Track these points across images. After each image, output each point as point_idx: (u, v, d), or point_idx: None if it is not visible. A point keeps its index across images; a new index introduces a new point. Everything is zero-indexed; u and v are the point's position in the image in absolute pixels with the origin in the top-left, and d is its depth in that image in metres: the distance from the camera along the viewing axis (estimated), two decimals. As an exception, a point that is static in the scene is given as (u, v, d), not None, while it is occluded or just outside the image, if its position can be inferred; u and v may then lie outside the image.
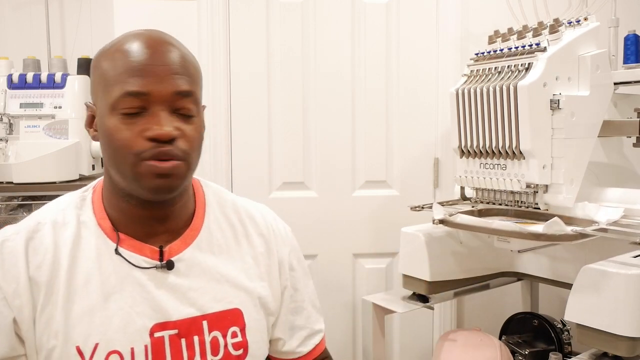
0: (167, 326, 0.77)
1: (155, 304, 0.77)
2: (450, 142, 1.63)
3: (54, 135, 1.90)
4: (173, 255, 0.80)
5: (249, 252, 0.88)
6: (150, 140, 0.72)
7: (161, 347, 0.77)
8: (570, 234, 1.15)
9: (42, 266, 0.75)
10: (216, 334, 0.81)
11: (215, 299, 0.81)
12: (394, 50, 1.97)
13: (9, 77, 1.92)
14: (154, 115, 0.73)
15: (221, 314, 0.81)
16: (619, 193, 1.31)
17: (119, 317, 0.75)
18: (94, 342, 0.74)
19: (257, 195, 1.95)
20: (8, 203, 1.85)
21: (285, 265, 0.91)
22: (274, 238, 0.91)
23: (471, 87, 1.35)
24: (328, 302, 2.00)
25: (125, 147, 0.72)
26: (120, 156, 0.73)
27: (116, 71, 0.73)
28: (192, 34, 1.88)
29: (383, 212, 1.99)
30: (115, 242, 0.78)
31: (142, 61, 0.73)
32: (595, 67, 1.30)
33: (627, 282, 1.04)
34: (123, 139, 0.72)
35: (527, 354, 1.48)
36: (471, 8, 1.94)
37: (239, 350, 0.82)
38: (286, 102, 1.95)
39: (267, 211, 0.95)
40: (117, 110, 0.73)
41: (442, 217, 1.35)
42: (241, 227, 0.89)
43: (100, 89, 0.75)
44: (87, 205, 0.81)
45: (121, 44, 0.75)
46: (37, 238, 0.77)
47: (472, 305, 2.01)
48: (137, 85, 0.72)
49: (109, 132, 0.73)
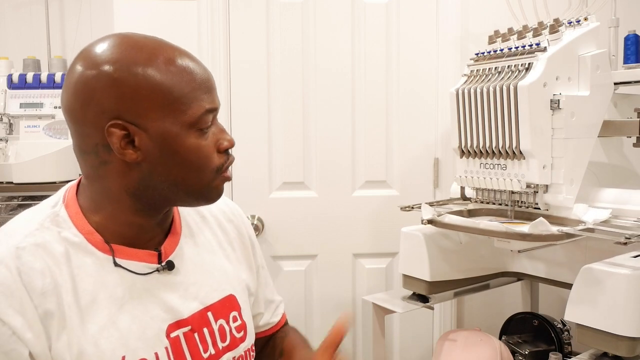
0: (181, 324, 0.78)
1: (166, 306, 0.78)
2: (450, 142, 1.63)
3: (54, 135, 1.91)
4: (168, 256, 0.80)
5: (225, 239, 0.91)
6: (223, 153, 0.76)
7: (179, 346, 0.78)
8: (556, 234, 1.15)
9: (46, 293, 0.70)
10: (222, 322, 0.83)
11: (212, 289, 0.84)
12: (394, 50, 1.97)
13: (9, 77, 1.93)
14: (215, 126, 0.77)
15: (221, 302, 0.84)
16: (613, 193, 1.31)
17: (136, 325, 0.75)
18: (121, 356, 0.72)
19: (257, 195, 1.96)
20: (8, 203, 1.85)
21: (254, 245, 0.97)
22: (240, 221, 0.96)
23: (471, 87, 1.35)
24: (328, 302, 2.00)
25: (205, 164, 0.74)
26: (198, 174, 0.74)
27: (187, 87, 0.71)
28: (192, 34, 1.88)
29: (383, 212, 1.99)
30: (109, 254, 0.75)
31: (204, 76, 0.74)
32: (595, 67, 1.30)
33: (627, 282, 1.04)
34: (203, 157, 0.74)
35: (527, 354, 1.48)
36: (471, 8, 1.94)
37: (240, 332, 0.86)
38: (286, 102, 1.95)
39: (225, 198, 0.96)
40: (195, 127, 0.73)
41: (431, 217, 1.35)
42: (211, 217, 0.91)
43: (158, 106, 0.70)
44: (65, 222, 0.75)
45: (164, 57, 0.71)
46: (25, 264, 0.69)
47: (472, 305, 2.01)
48: (211, 102, 0.74)
49: (186, 151, 0.72)
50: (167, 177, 0.73)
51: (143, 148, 0.71)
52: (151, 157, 0.71)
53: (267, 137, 1.96)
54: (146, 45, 0.72)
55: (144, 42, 0.72)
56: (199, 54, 1.85)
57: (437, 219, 1.35)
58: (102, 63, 0.69)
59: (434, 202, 1.50)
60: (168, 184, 0.73)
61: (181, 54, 0.73)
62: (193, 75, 0.72)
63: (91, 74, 0.69)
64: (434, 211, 1.38)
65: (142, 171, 0.72)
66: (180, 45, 0.80)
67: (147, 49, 0.71)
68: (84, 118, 0.71)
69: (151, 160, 0.71)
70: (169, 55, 0.72)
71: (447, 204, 1.52)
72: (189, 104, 0.71)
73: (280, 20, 1.93)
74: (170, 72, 0.71)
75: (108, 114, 0.69)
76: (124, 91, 0.69)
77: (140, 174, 0.72)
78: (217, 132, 0.76)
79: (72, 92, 0.71)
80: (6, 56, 2.05)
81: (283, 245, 1.95)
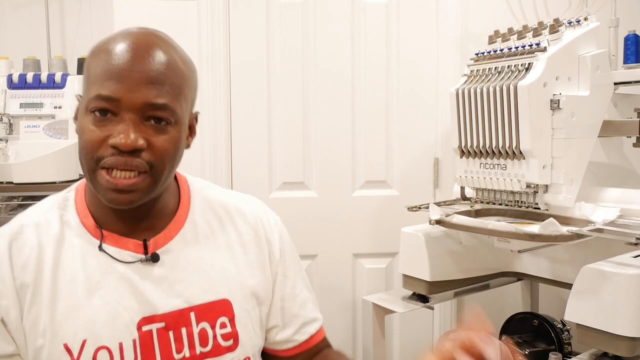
0: (154, 319, 0.77)
1: (142, 298, 0.77)
2: (450, 142, 1.63)
3: (54, 135, 1.91)
4: (158, 248, 0.80)
5: (237, 240, 0.87)
6: (112, 148, 0.71)
7: (149, 340, 0.77)
8: (566, 235, 1.15)
9: (27, 267, 0.75)
10: (204, 325, 0.80)
11: (202, 290, 0.81)
12: (394, 50, 1.97)
13: (9, 77, 1.92)
14: (122, 122, 0.71)
15: (209, 305, 0.81)
16: (617, 193, 1.31)
17: (106, 312, 0.75)
18: (82, 339, 0.74)
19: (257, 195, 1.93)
20: (8, 203, 1.85)
21: (275, 252, 0.90)
22: (262, 226, 0.90)
23: (471, 87, 1.35)
24: (328, 302, 2.00)
25: (89, 148, 0.72)
26: (83, 156, 0.73)
27: (96, 71, 0.72)
28: (192, 34, 1.88)
29: (383, 212, 1.99)
30: (99, 239, 0.78)
31: (120, 65, 0.71)
32: (595, 67, 1.30)
33: (627, 282, 1.04)
34: (89, 140, 0.72)
35: (527, 354, 1.48)
36: (471, 8, 1.94)
37: (229, 341, 0.82)
38: (286, 103, 1.95)
39: (256, 201, 0.95)
40: (89, 109, 0.72)
41: (439, 217, 1.35)
42: (227, 218, 0.88)
43: (84, 86, 0.76)
44: (69, 206, 0.81)
45: (108, 44, 0.73)
46: (20, 239, 0.77)
47: (472, 306, 2.01)
48: (110, 90, 0.70)
49: (80, 130, 0.74)
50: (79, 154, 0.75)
51: (78, 120, 0.76)
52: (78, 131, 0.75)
53: (267, 137, 1.96)
54: (115, 33, 0.76)
55: (121, 31, 0.76)
56: (198, 54, 1.87)
57: (445, 219, 1.34)
58: None
59: (440, 202, 1.49)
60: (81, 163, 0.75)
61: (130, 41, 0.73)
62: (109, 60, 0.72)
63: None
64: (441, 211, 1.37)
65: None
66: (180, 45, 0.79)
67: (111, 36, 0.75)
68: None
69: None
70: (115, 41, 0.74)
71: (454, 204, 1.51)
72: (90, 86, 0.73)
73: (280, 20, 1.93)
74: (98, 56, 0.74)
75: None
76: (83, 71, 0.77)
77: None
78: (121, 128, 0.71)
79: None
80: (6, 56, 2.05)
81: (283, 245, 1.95)
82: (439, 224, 1.35)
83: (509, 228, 1.22)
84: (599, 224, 1.18)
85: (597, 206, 1.26)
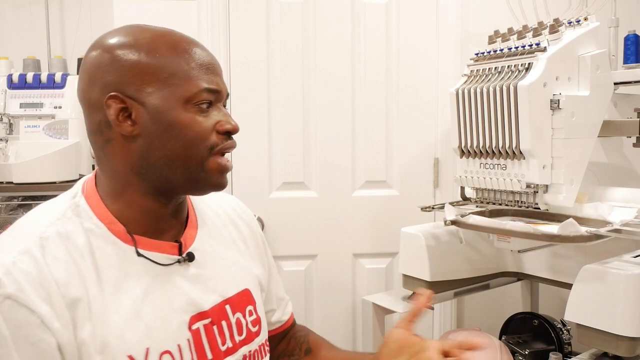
0: (202, 316, 0.79)
1: (187, 298, 0.78)
2: (450, 142, 1.62)
3: (54, 135, 1.91)
4: (188, 247, 0.81)
5: (238, 236, 0.92)
6: (222, 134, 0.76)
7: (199, 338, 0.78)
8: (585, 235, 1.13)
9: (71, 282, 0.70)
10: (238, 315, 0.84)
11: (230, 283, 0.85)
12: (394, 50, 1.97)
13: (9, 77, 1.93)
14: (218, 110, 0.77)
15: (238, 295, 0.85)
16: (623, 193, 1.31)
17: (160, 317, 0.75)
18: (145, 347, 0.72)
19: (257, 195, 1.96)
20: (8, 203, 1.85)
21: (260, 241, 0.98)
22: (250, 219, 0.97)
23: (471, 87, 1.35)
24: (328, 302, 2.00)
25: (202, 138, 0.74)
26: (195, 148, 0.74)
27: (186, 66, 0.74)
28: (192, 34, 1.84)
29: (383, 212, 1.99)
30: (131, 244, 0.76)
31: (209, 60, 0.77)
32: (595, 67, 1.30)
33: (627, 282, 1.04)
34: (201, 131, 0.74)
35: (527, 354, 1.48)
36: (471, 8, 1.94)
37: (256, 326, 0.87)
38: (286, 102, 1.95)
39: (234, 197, 1.00)
40: (192, 103, 0.74)
41: (454, 217, 1.35)
42: (224, 214, 0.92)
43: (155, 81, 0.73)
44: (85, 212, 0.75)
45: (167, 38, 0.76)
46: (49, 254, 0.70)
47: (472, 305, 2.01)
48: (214, 83, 0.76)
49: (181, 125, 0.73)
50: (164, 153, 0.74)
51: (139, 121, 0.73)
52: (148, 131, 0.73)
53: (267, 138, 1.96)
54: (151, 29, 0.76)
55: (150, 27, 0.77)
56: (199, 54, 1.87)
57: (461, 219, 1.34)
58: (106, 43, 0.75)
59: (454, 203, 1.49)
60: (165, 161, 0.74)
61: (187, 39, 0.78)
62: (193, 55, 0.76)
63: (96, 53, 0.75)
64: (456, 212, 1.37)
65: (141, 145, 0.74)
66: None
67: (151, 31, 0.76)
68: (90, 97, 0.74)
69: (148, 133, 0.73)
70: (173, 36, 0.76)
71: (466, 205, 1.51)
72: (185, 80, 0.74)
73: (280, 21, 1.93)
74: (169, 50, 0.74)
75: (108, 89, 0.72)
76: (123, 65, 0.73)
77: (139, 149, 0.74)
78: (221, 115, 0.77)
79: (81, 74, 0.77)
80: (6, 56, 2.05)
81: (283, 245, 1.95)
82: (455, 225, 1.35)
83: (527, 229, 1.21)
84: (616, 225, 1.16)
85: (614, 206, 1.25)
